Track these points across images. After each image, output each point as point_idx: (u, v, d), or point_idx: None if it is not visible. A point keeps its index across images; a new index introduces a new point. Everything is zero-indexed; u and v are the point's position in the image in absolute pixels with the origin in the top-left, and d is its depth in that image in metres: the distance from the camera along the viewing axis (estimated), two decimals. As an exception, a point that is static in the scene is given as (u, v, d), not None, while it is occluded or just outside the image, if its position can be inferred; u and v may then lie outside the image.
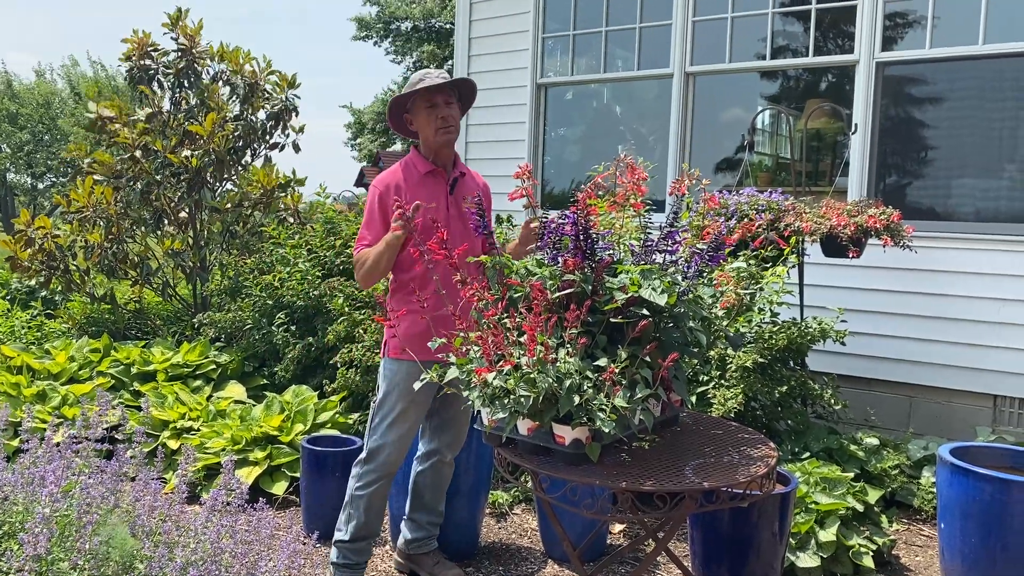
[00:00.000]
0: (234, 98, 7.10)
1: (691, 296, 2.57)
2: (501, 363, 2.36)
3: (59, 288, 6.95)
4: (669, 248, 2.64)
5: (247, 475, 4.35)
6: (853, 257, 4.45)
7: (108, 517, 2.43)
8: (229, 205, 6.89)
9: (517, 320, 2.44)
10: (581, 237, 2.49)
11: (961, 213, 5.15)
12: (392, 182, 3.23)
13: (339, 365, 5.15)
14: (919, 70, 5.27)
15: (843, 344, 4.48)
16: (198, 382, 5.57)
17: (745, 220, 4.44)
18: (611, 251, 2.69)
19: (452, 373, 2.53)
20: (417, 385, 2.83)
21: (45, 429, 4.48)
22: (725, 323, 4.19)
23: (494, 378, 2.37)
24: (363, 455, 3.35)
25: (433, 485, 3.55)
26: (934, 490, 4.21)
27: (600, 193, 2.85)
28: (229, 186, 7.14)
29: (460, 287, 2.57)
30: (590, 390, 2.30)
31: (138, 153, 6.61)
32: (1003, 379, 4.90)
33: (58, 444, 2.89)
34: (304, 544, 3.90)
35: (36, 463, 2.81)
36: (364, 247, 3.20)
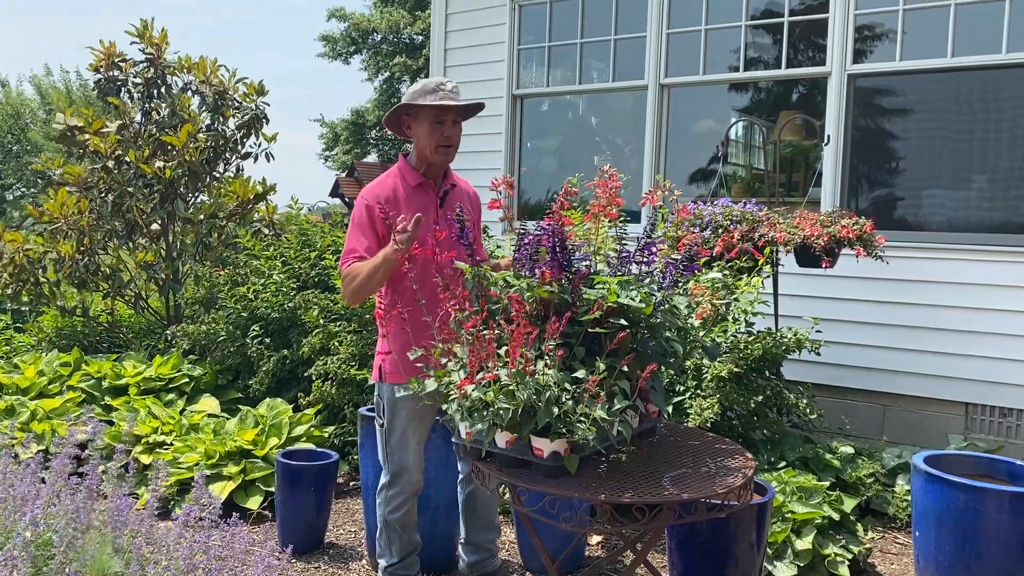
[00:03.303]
0: (204, 108, 7.05)
1: (667, 306, 2.58)
2: (481, 375, 2.35)
3: (28, 300, 6.83)
4: (645, 259, 2.65)
5: (221, 490, 4.29)
6: (827, 267, 4.49)
7: (82, 536, 2.39)
8: (202, 217, 6.82)
9: (496, 332, 2.44)
10: (558, 249, 2.49)
11: (932, 223, 5.21)
12: (382, 194, 3.12)
13: (314, 378, 5.11)
14: (890, 82, 5.34)
15: (818, 354, 4.51)
16: (171, 396, 5.50)
17: (724, 233, 4.46)
18: (588, 262, 2.69)
19: (431, 385, 2.52)
20: (400, 393, 2.80)
21: (15, 445, 4.40)
22: (701, 333, 4.21)
23: (473, 390, 2.35)
24: (385, 480, 3.32)
25: (485, 501, 3.51)
26: (909, 498, 4.24)
27: (573, 203, 2.85)
28: (203, 197, 7.07)
29: (441, 293, 2.56)
30: (569, 402, 2.29)
31: (110, 164, 6.54)
32: (975, 387, 4.96)
33: (26, 460, 2.83)
34: (278, 559, 3.85)
35: (6, 479, 2.76)
36: (354, 260, 3.06)
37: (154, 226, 6.83)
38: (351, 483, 4.89)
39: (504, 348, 2.37)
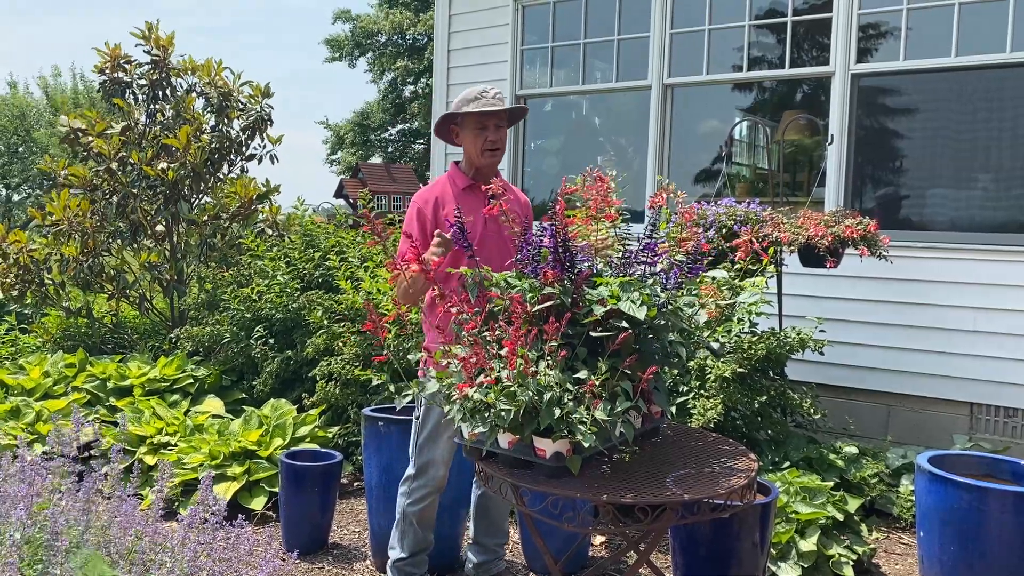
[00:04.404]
0: (209, 109, 7.06)
1: (671, 308, 2.57)
2: (481, 377, 2.35)
3: (33, 302, 6.86)
4: (648, 260, 2.65)
5: (225, 490, 4.30)
6: (831, 267, 4.48)
7: (82, 537, 2.39)
8: (206, 217, 6.84)
9: (497, 333, 2.44)
10: (560, 249, 2.49)
11: (936, 223, 5.20)
12: (431, 197, 3.28)
13: (318, 378, 5.11)
14: (893, 82, 5.33)
15: (821, 353, 4.50)
16: (175, 396, 5.51)
17: (727, 232, 4.46)
18: (590, 263, 2.69)
19: (432, 387, 2.52)
20: (408, 396, 2.80)
21: (17, 446, 4.41)
22: (706, 334, 4.21)
23: (474, 392, 2.35)
24: (411, 471, 3.36)
25: (497, 503, 3.52)
26: (913, 498, 4.23)
27: (574, 203, 2.85)
28: (206, 198, 7.09)
29: (438, 301, 2.57)
30: (570, 403, 2.29)
31: (114, 166, 6.56)
32: (979, 387, 4.94)
33: (30, 462, 2.84)
34: (283, 560, 3.86)
35: (7, 480, 2.76)
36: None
37: (158, 227, 6.85)
38: (355, 483, 4.90)
39: (505, 349, 2.37)
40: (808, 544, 3.53)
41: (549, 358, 2.35)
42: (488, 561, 3.57)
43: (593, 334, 2.41)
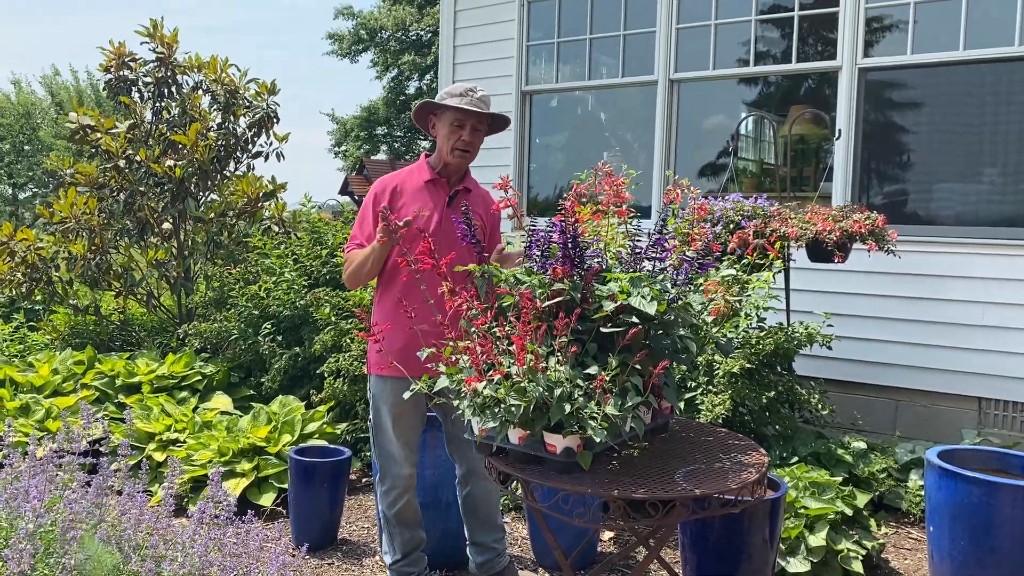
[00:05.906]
0: (215, 107, 7.06)
1: (680, 303, 2.57)
2: (491, 372, 2.35)
3: (41, 299, 6.88)
4: (658, 255, 2.64)
5: (234, 487, 4.32)
6: (839, 262, 4.48)
7: (93, 532, 2.40)
8: (213, 215, 6.85)
9: (507, 329, 2.43)
10: (569, 245, 2.49)
11: (944, 217, 5.19)
12: (391, 185, 3.24)
13: (326, 375, 5.12)
14: (901, 76, 5.31)
15: (829, 348, 4.49)
16: (184, 393, 5.52)
17: (739, 230, 4.45)
18: (599, 259, 2.69)
19: (442, 382, 2.52)
20: (407, 395, 2.78)
21: (27, 443, 4.43)
22: (715, 329, 4.21)
23: (484, 387, 2.36)
24: (377, 475, 3.36)
25: (484, 500, 3.49)
26: (922, 493, 4.23)
27: (583, 201, 2.85)
28: (213, 196, 7.10)
29: (448, 297, 2.55)
30: (581, 398, 2.29)
31: (121, 163, 6.57)
32: (987, 382, 4.93)
33: (41, 458, 2.85)
34: (293, 556, 3.87)
35: (19, 478, 2.77)
36: (355, 247, 3.20)
37: (165, 225, 6.86)
38: (363, 479, 4.91)
39: (514, 345, 2.37)
40: (817, 539, 3.53)
41: (559, 354, 2.34)
42: (489, 560, 3.54)
43: (603, 330, 2.41)
